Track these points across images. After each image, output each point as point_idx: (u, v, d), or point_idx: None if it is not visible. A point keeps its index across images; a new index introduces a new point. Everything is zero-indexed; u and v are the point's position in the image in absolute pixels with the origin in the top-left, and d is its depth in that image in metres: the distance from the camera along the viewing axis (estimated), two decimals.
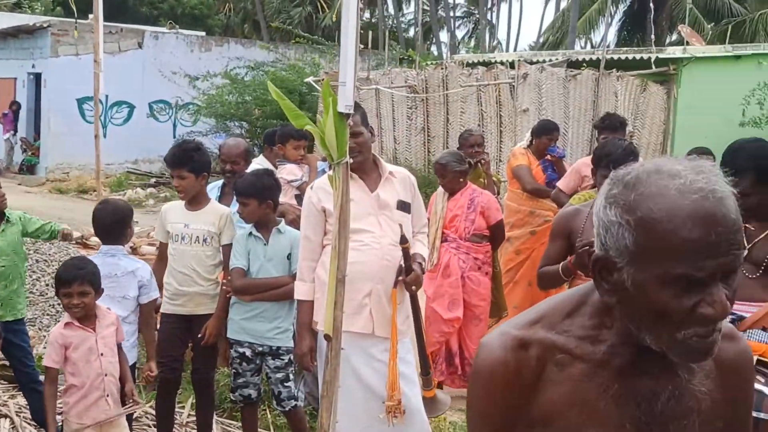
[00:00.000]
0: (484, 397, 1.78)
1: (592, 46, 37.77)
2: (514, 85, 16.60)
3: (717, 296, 1.59)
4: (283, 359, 5.61)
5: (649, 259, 1.60)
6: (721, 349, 1.72)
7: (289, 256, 5.56)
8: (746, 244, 3.91)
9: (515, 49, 42.26)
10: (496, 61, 18.56)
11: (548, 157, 7.72)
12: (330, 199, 4.51)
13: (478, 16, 44.49)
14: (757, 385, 3.58)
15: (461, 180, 7.03)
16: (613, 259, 1.66)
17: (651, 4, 21.82)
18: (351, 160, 4.14)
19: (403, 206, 5.05)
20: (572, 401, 1.73)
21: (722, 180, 1.62)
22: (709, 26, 31.55)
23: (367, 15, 43.20)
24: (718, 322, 1.63)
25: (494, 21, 45.07)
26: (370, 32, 25.22)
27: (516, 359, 1.75)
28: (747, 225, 3.96)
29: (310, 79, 19.89)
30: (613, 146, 4.96)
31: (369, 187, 5.01)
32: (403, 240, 4.92)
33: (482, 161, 8.01)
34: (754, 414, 3.55)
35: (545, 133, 7.84)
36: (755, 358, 3.65)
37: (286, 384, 5.67)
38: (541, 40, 39.91)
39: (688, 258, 1.57)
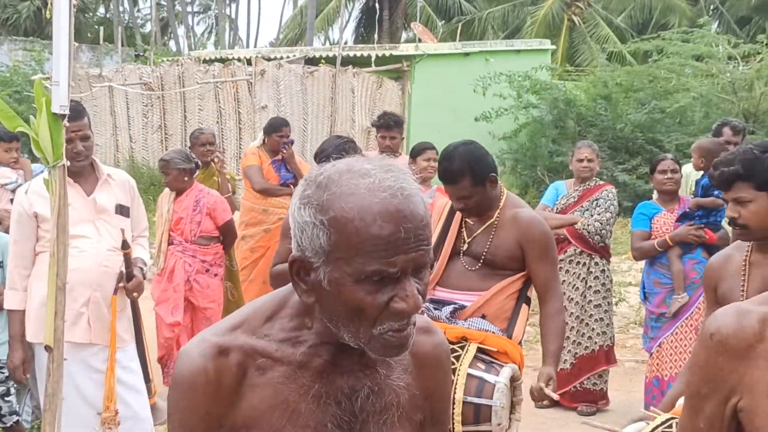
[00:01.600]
0: (185, 407, 1.74)
1: (331, 43, 38.36)
2: (252, 82, 16.50)
3: (409, 291, 1.62)
4: (3, 372, 5.25)
5: (343, 257, 1.61)
6: (417, 343, 1.77)
7: (1, 264, 5.20)
8: (466, 239, 4.06)
9: (255, 46, 42.25)
10: (233, 58, 18.40)
11: (279, 155, 7.71)
12: (43, 203, 4.27)
13: (217, 12, 44.08)
14: (477, 372, 3.71)
15: (186, 179, 6.85)
16: (309, 259, 1.65)
17: (386, 2, 22.39)
18: (69, 163, 3.95)
19: (122, 210, 4.85)
20: (274, 404, 1.73)
21: (410, 178, 1.65)
22: (441, 24, 32.89)
23: (101, 10, 41.72)
24: (411, 316, 1.66)
25: (234, 17, 44.80)
26: (101, 28, 24.28)
27: (216, 366, 1.72)
28: (468, 220, 4.11)
29: (38, 76, 18.86)
30: (328, 143, 4.99)
31: (85, 190, 4.74)
32: (125, 245, 4.74)
33: (215, 160, 7.88)
34: (476, 400, 3.66)
35: (274, 130, 7.85)
36: (475, 345, 3.78)
37: (6, 399, 5.34)
38: (281, 36, 40.12)
39: (379, 254, 1.58)
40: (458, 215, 4.12)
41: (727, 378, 1.84)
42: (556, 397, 3.95)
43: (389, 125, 7.48)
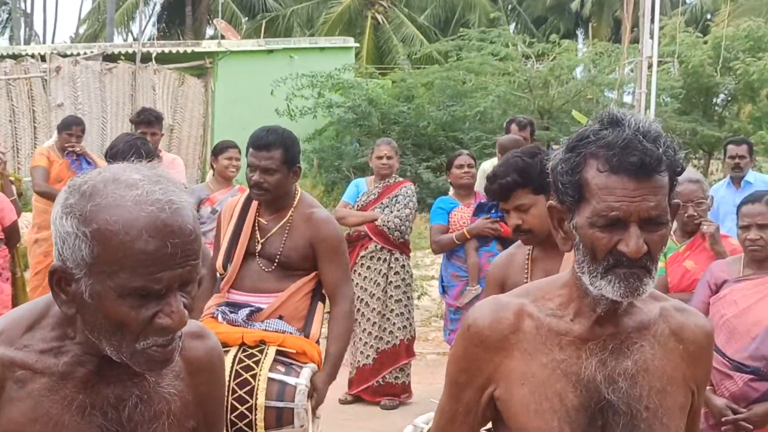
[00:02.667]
0: None
1: (134, 39, 37.29)
2: (47, 79, 15.79)
3: (175, 307, 1.60)
4: None
5: (106, 271, 1.57)
6: (190, 349, 1.80)
7: None
8: (260, 239, 4.01)
9: (53, 41, 40.45)
10: (26, 54, 17.56)
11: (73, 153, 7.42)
12: None
13: (11, 5, 41.92)
14: (277, 375, 3.69)
15: None
16: (71, 270, 1.60)
17: None
18: None
19: None
20: (35, 418, 1.67)
21: (180, 190, 1.62)
22: (245, 21, 32.60)
23: None
24: (177, 332, 1.64)
25: (29, 11, 42.77)
26: None
27: None
28: (260, 219, 4.05)
29: None
30: (118, 140, 4.85)
31: None
32: None
33: None
34: (278, 404, 3.64)
35: (64, 128, 7.62)
36: (274, 348, 3.75)
37: None
38: (81, 31, 38.63)
39: (144, 270, 1.55)
40: (251, 215, 4.06)
41: (483, 368, 1.92)
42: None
43: (150, 121, 7.38)
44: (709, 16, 33.97)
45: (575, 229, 1.83)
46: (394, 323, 7.01)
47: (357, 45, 23.22)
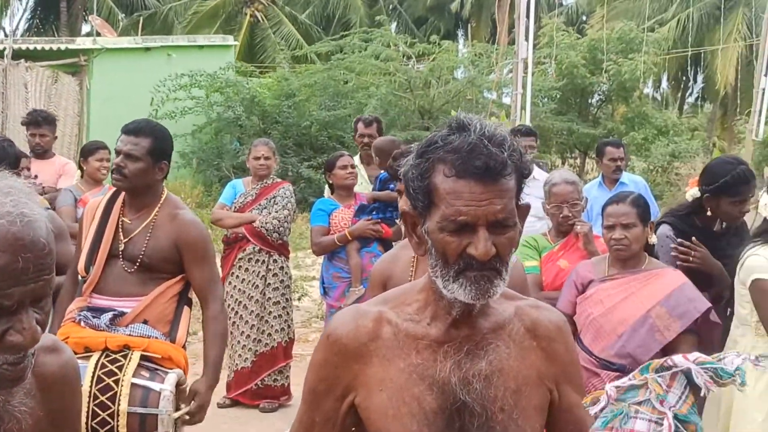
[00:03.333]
0: None
1: (5, 35, 36.04)
2: None
3: (27, 324, 1.53)
4: None
5: None
6: (43, 364, 1.75)
7: None
8: (123, 239, 3.88)
9: None
10: None
11: None
12: None
13: None
14: (141, 381, 3.59)
15: None
16: None
17: None
18: None
19: None
20: None
21: (32, 202, 1.55)
22: (122, 17, 31.85)
23: None
24: (29, 349, 1.57)
25: None
26: None
27: None
28: (124, 218, 3.93)
29: None
30: None
31: None
32: None
33: None
34: (142, 410, 3.53)
35: None
36: (138, 353, 3.65)
37: None
38: None
39: None
40: (114, 215, 3.92)
41: (342, 376, 1.92)
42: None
43: (37, 122, 7.26)
44: (585, 18, 34.90)
45: (427, 234, 1.83)
46: (272, 326, 6.94)
47: (236, 43, 22.98)
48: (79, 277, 3.93)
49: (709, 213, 4.58)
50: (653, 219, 4.39)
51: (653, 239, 4.30)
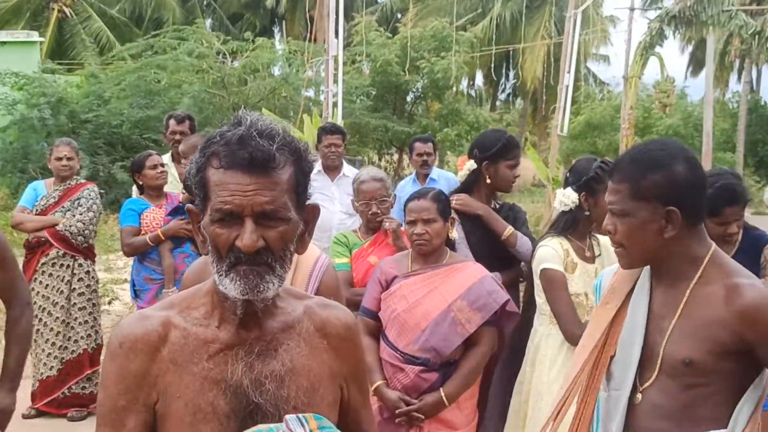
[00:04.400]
0: None
1: None
2: None
3: None
4: None
5: None
6: None
7: None
8: None
9: None
10: None
11: None
12: None
13: None
14: None
15: None
16: None
17: None
18: None
19: None
20: None
21: None
22: None
23: None
24: None
25: None
26: None
27: None
28: None
29: None
30: None
31: None
32: None
33: None
34: None
35: None
36: None
37: None
38: None
39: None
40: None
41: (143, 384, 1.85)
42: None
43: None
44: (399, 16, 35.51)
45: (204, 229, 1.82)
46: (78, 332, 6.71)
47: (43, 39, 22.06)
48: None
49: (488, 180, 4.82)
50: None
51: (454, 234, 4.41)
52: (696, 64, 41.84)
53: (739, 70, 37.15)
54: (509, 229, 4.79)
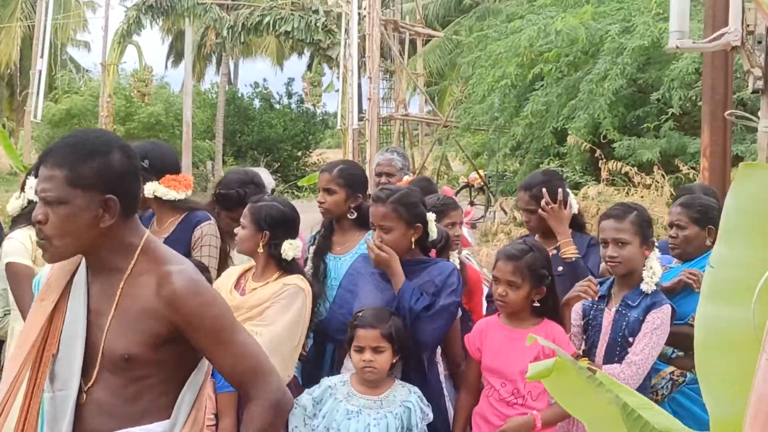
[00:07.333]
0: None
1: None
2: None
3: None
4: None
5: None
6: None
7: None
8: None
9: None
10: None
11: None
12: None
13: None
14: None
15: None
16: None
17: None
18: None
19: None
20: None
21: None
22: None
23: None
24: None
25: None
26: None
27: None
28: None
29: None
30: None
31: None
32: None
33: None
34: None
35: None
36: None
37: None
38: None
39: None
40: None
41: None
42: None
43: None
44: None
45: None
46: None
47: None
48: None
49: None
50: None
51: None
52: (176, 54, 42.70)
53: (218, 62, 38.57)
54: None
